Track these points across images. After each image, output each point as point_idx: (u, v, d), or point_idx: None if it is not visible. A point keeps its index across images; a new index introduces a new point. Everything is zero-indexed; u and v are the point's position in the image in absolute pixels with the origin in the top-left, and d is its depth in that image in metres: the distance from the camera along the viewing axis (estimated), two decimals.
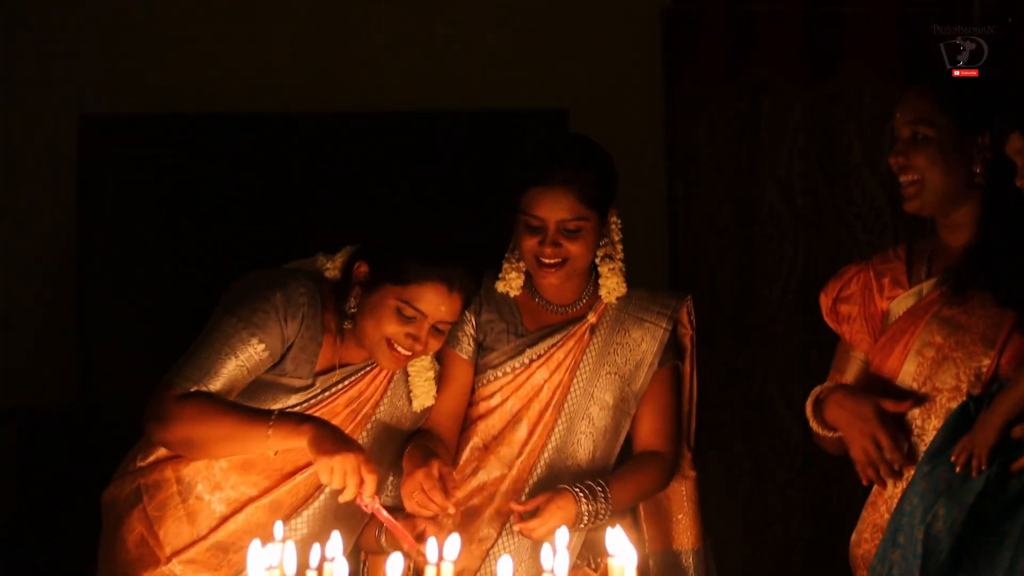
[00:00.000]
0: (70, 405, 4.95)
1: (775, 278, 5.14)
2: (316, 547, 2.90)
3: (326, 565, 2.89)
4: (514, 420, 3.62)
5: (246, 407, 3.34)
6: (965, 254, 3.29)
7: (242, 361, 3.32)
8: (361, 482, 3.21)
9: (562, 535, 2.85)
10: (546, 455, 3.60)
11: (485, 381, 3.63)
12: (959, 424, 3.14)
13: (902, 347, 3.34)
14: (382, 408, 3.54)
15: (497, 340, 3.63)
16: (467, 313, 3.60)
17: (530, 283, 3.68)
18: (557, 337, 3.62)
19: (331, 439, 3.23)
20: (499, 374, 3.62)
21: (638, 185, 5.17)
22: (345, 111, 4.99)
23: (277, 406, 3.38)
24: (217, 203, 4.90)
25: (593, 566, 3.59)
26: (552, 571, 2.69)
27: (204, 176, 4.91)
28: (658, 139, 5.19)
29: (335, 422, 3.39)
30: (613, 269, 3.66)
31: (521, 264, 3.65)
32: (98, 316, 4.94)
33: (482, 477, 3.61)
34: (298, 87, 5.03)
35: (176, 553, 3.39)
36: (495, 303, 3.66)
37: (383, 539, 3.45)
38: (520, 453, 3.59)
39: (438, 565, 2.60)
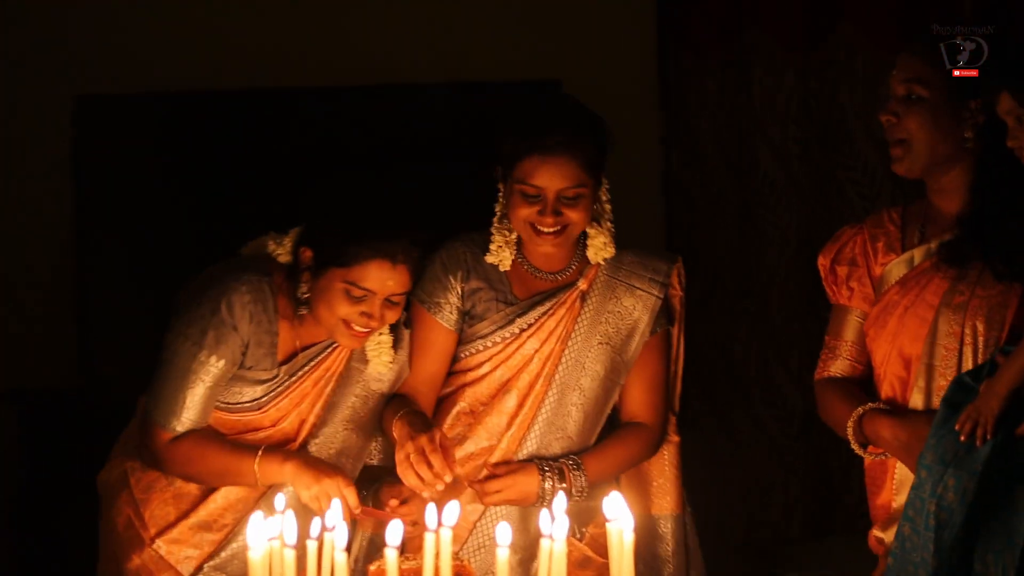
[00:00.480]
0: (70, 385, 4.96)
1: (771, 244, 5.14)
2: (316, 518, 2.93)
3: (326, 535, 2.91)
4: (503, 390, 3.59)
5: (233, 446, 3.43)
6: (958, 224, 3.29)
7: (208, 381, 3.39)
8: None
9: (560, 500, 2.85)
10: (536, 427, 3.57)
11: (474, 351, 3.60)
12: (957, 396, 3.15)
13: (896, 320, 3.33)
14: (346, 378, 3.55)
15: (487, 309, 3.59)
16: (452, 280, 3.57)
17: (519, 250, 3.65)
18: (547, 305, 3.59)
19: (310, 473, 3.36)
20: (488, 344, 3.59)
21: (633, 154, 5.16)
22: (339, 85, 4.98)
23: (245, 397, 3.44)
24: (216, 181, 4.88)
25: (579, 536, 3.59)
26: (551, 536, 2.70)
27: (202, 155, 4.89)
28: (652, 108, 5.18)
29: (305, 401, 3.48)
30: (601, 230, 3.61)
31: (512, 236, 3.61)
32: (97, 297, 4.93)
33: (469, 447, 3.58)
34: (293, 62, 5.01)
35: (160, 533, 3.46)
36: (483, 270, 3.61)
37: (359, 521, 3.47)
38: (509, 425, 3.57)
39: (437, 532, 2.61)
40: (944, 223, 3.35)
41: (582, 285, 3.62)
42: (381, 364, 3.56)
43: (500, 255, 3.60)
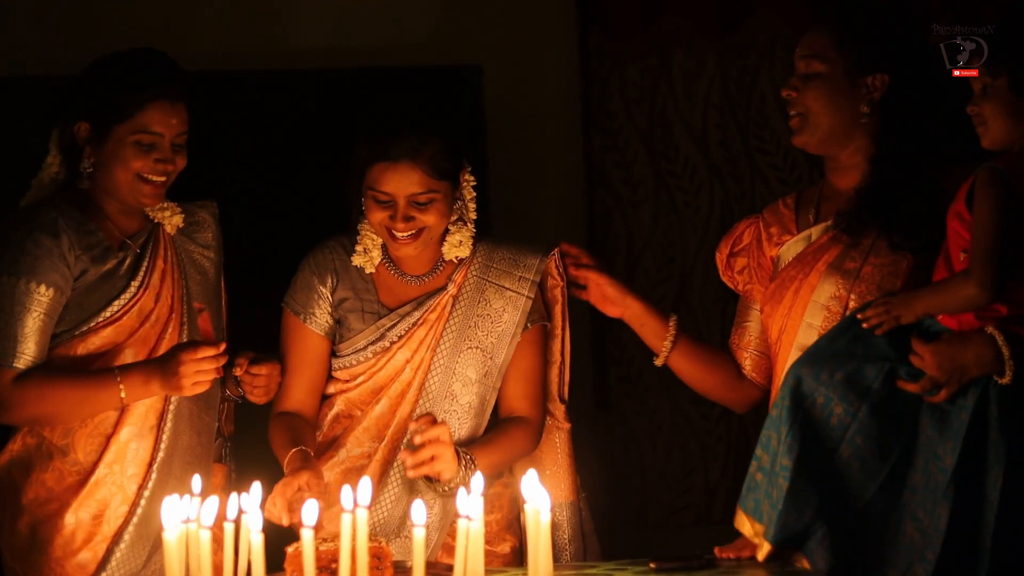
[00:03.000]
0: None
1: (692, 229, 5.16)
2: (233, 496, 2.92)
3: (243, 517, 2.90)
4: (376, 398, 3.58)
5: (87, 372, 3.43)
6: (856, 195, 3.33)
7: (37, 311, 3.37)
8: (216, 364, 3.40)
9: (478, 481, 2.85)
10: (410, 434, 3.52)
11: (347, 364, 3.58)
12: (845, 332, 3.18)
13: (791, 294, 3.37)
14: (182, 253, 3.62)
15: (356, 321, 3.57)
16: (322, 288, 3.56)
17: (385, 253, 3.61)
18: (417, 315, 3.57)
19: (171, 365, 3.37)
20: (360, 358, 3.57)
21: (554, 139, 5.19)
22: (254, 69, 4.93)
23: (112, 294, 3.46)
24: None
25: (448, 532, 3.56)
26: (468, 516, 2.71)
27: None
28: (573, 93, 5.18)
29: (169, 280, 3.54)
30: (461, 229, 3.59)
31: (379, 239, 3.57)
32: None
33: (351, 451, 3.57)
34: (199, 46, 4.94)
35: (99, 459, 3.46)
36: (349, 279, 3.59)
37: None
38: (383, 431, 3.55)
39: (353, 512, 2.60)
40: (840, 202, 3.39)
41: (451, 290, 3.61)
42: (173, 225, 3.60)
43: (366, 257, 3.58)
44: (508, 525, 3.64)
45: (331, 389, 3.64)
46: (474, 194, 3.59)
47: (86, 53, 3.63)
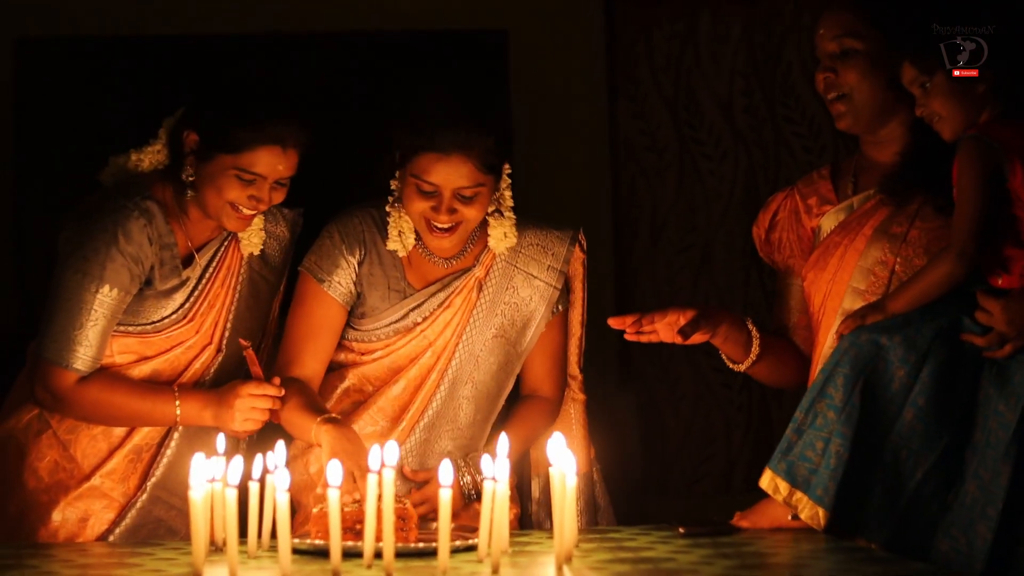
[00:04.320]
0: (8, 334, 4.91)
1: (716, 197, 5.15)
2: (259, 458, 2.92)
3: (268, 476, 2.91)
4: (393, 377, 3.53)
5: (147, 386, 3.43)
6: (900, 160, 3.31)
7: (100, 312, 3.37)
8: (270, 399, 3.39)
9: (503, 441, 2.85)
10: (426, 419, 3.51)
11: (365, 338, 3.53)
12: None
13: (836, 259, 3.35)
14: (243, 274, 3.57)
15: (381, 298, 3.51)
16: (349, 258, 3.49)
17: (416, 234, 3.53)
18: (443, 296, 3.52)
19: (227, 397, 3.38)
20: (380, 335, 3.52)
21: (579, 105, 5.18)
22: (280, 32, 4.94)
23: (168, 310, 3.44)
24: (157, 126, 4.84)
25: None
26: (494, 478, 2.71)
27: (143, 98, 4.84)
28: (599, 59, 5.17)
29: (218, 303, 3.50)
30: (502, 220, 3.53)
31: (410, 221, 3.50)
32: (37, 245, 4.89)
33: (364, 428, 3.50)
34: (232, 8, 4.96)
35: (96, 468, 3.44)
36: (377, 253, 3.52)
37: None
38: (399, 413, 3.51)
39: (380, 473, 2.61)
40: (878, 172, 3.37)
41: (478, 272, 3.56)
42: (252, 247, 3.56)
43: (400, 242, 3.50)
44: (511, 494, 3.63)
45: (342, 358, 3.58)
46: (509, 182, 3.54)
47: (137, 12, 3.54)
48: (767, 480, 3.13)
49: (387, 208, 3.52)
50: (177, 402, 3.41)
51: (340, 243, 3.51)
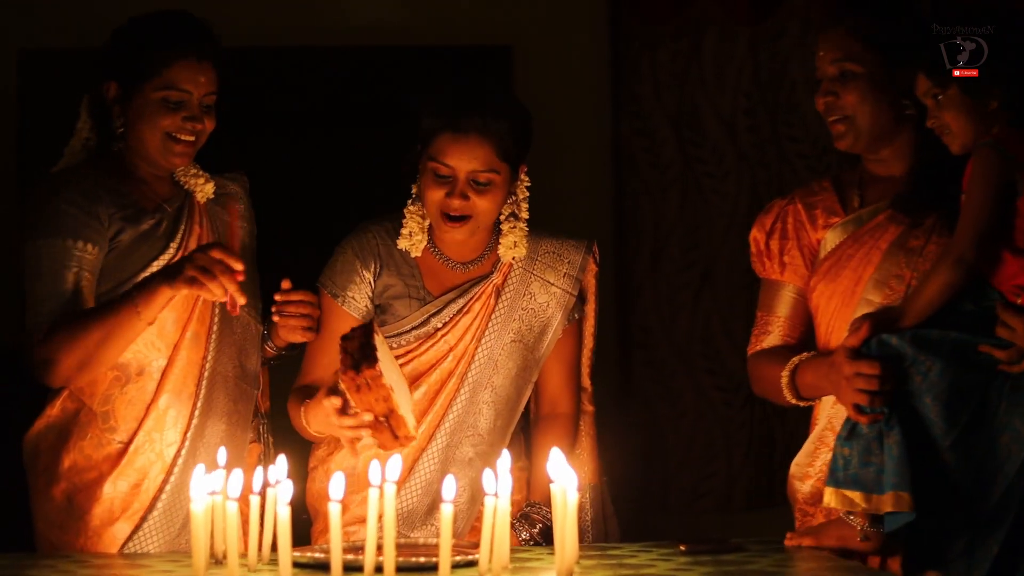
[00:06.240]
0: (10, 344, 4.91)
1: (719, 215, 5.15)
2: (259, 471, 2.92)
3: (269, 490, 2.90)
4: (413, 384, 3.53)
5: (100, 305, 3.39)
6: (911, 180, 3.30)
7: (78, 268, 3.37)
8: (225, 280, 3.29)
9: (504, 460, 2.85)
10: (446, 424, 3.52)
11: (389, 346, 3.51)
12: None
13: (850, 272, 3.34)
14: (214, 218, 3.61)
15: (400, 307, 3.53)
16: (364, 273, 3.52)
17: (431, 239, 3.58)
18: (462, 302, 3.54)
19: (176, 266, 3.31)
20: (403, 342, 3.52)
21: (583, 122, 5.19)
22: (286, 47, 4.95)
23: (152, 254, 3.44)
24: None
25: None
26: (496, 494, 2.71)
27: None
28: (603, 76, 5.18)
29: (205, 240, 3.51)
30: (514, 228, 3.56)
31: (425, 222, 3.54)
32: None
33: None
34: (239, 23, 4.95)
35: (138, 429, 3.44)
36: (394, 264, 3.55)
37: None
38: (420, 421, 3.49)
39: (381, 487, 2.60)
40: (885, 186, 3.37)
41: (496, 279, 3.58)
42: (206, 193, 3.58)
43: (411, 240, 3.54)
44: None
45: None
46: (527, 194, 3.57)
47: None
48: (835, 498, 3.14)
49: (404, 211, 3.56)
50: (132, 294, 3.35)
51: (354, 259, 3.54)
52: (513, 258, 3.58)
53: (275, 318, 3.53)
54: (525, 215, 3.58)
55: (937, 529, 3.08)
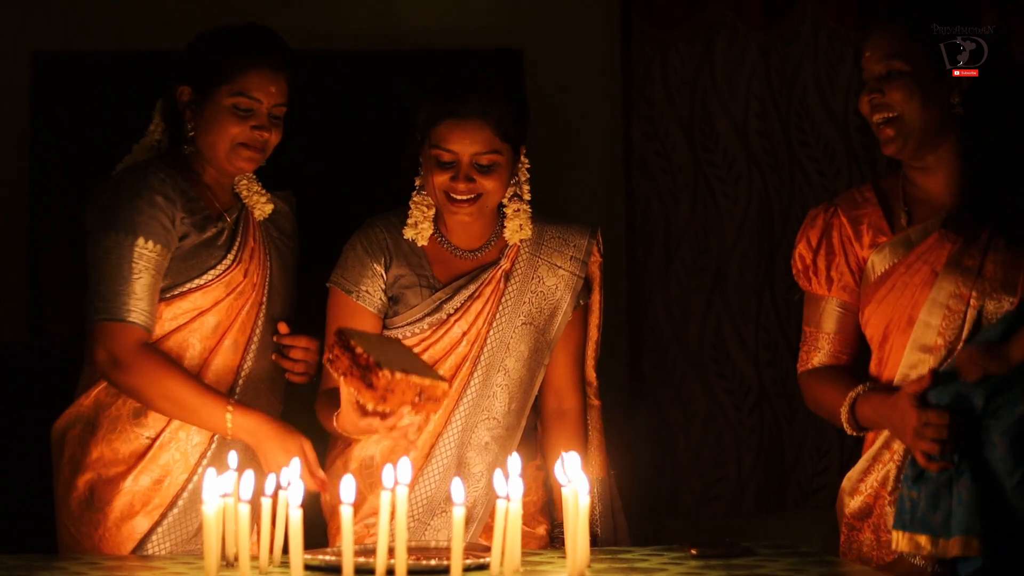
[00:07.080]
0: (21, 343, 4.93)
1: (730, 219, 5.15)
2: (272, 475, 2.93)
3: (280, 492, 2.91)
4: None
5: (204, 385, 3.45)
6: (961, 195, 3.26)
7: (141, 265, 3.42)
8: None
9: (515, 462, 2.85)
10: (461, 408, 3.55)
11: (402, 335, 3.56)
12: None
13: (907, 294, 3.28)
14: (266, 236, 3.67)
15: (412, 296, 3.56)
16: (375, 266, 3.55)
17: (437, 228, 3.62)
18: (472, 288, 3.57)
19: (278, 441, 3.43)
20: (416, 330, 3.55)
21: (594, 125, 5.19)
22: (298, 49, 4.93)
23: (210, 262, 3.50)
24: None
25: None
26: (507, 497, 2.71)
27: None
28: (614, 79, 5.18)
29: (258, 256, 3.59)
30: (518, 211, 3.61)
31: (431, 211, 3.58)
32: (50, 254, 4.92)
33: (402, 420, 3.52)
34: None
35: (167, 424, 3.48)
36: (403, 255, 3.58)
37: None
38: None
39: (393, 490, 2.61)
40: (933, 202, 3.31)
41: (504, 264, 3.62)
42: (263, 211, 3.66)
43: (417, 230, 3.58)
44: (542, 508, 3.65)
45: None
46: (528, 176, 3.60)
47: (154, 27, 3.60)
48: (905, 542, 3.16)
49: (410, 202, 3.60)
50: (230, 410, 3.42)
51: (364, 253, 3.57)
52: (520, 243, 3.61)
53: (273, 356, 3.61)
54: (528, 196, 3.63)
55: (1005, 573, 3.09)
